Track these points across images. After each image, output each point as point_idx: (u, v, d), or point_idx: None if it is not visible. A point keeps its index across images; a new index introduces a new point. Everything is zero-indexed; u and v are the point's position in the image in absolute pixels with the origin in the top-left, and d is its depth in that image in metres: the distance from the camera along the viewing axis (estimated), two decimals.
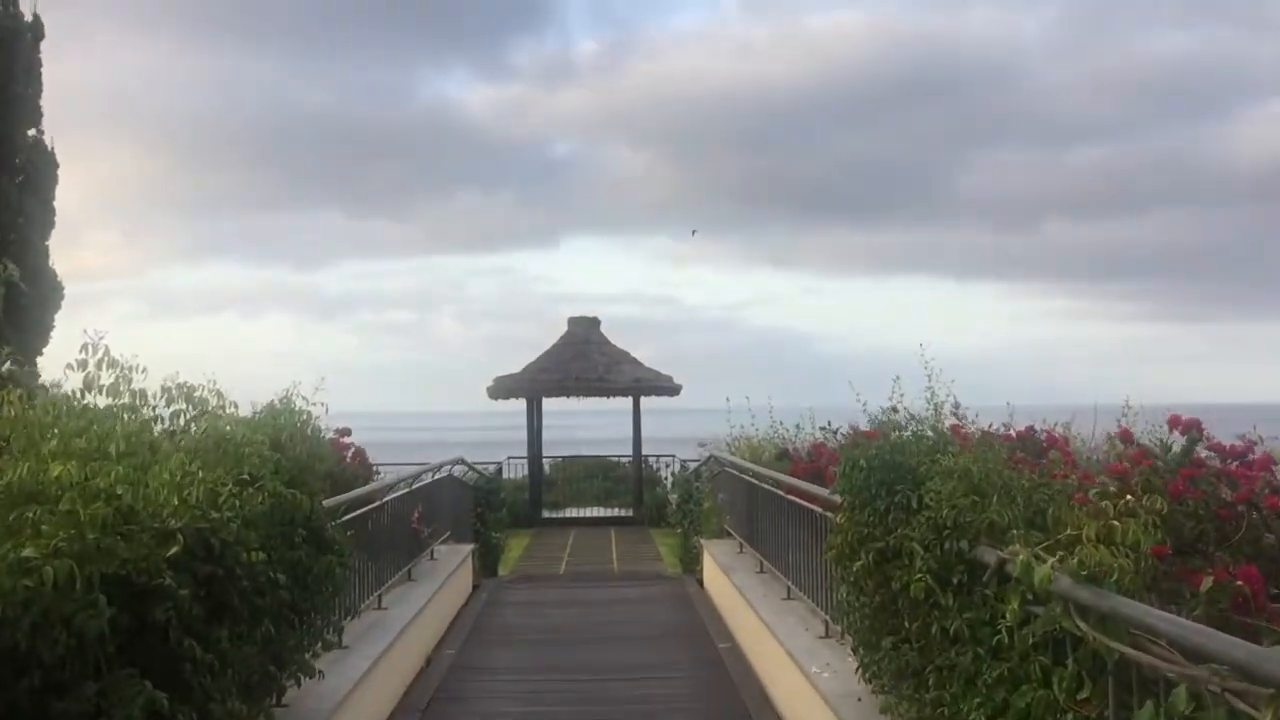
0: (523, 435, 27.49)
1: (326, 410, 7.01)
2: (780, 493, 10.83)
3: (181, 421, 5.77)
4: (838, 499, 7.02)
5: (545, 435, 27.79)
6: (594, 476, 29.67)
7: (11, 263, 11.16)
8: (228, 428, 5.82)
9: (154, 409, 5.51)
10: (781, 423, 16.76)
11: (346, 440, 12.61)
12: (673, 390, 26.82)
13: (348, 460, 12.46)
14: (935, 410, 14.37)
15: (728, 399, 16.84)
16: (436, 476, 14.09)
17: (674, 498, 23.25)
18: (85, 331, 5.22)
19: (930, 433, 7.33)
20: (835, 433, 15.69)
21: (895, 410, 14.92)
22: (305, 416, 6.65)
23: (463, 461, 17.01)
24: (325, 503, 7.40)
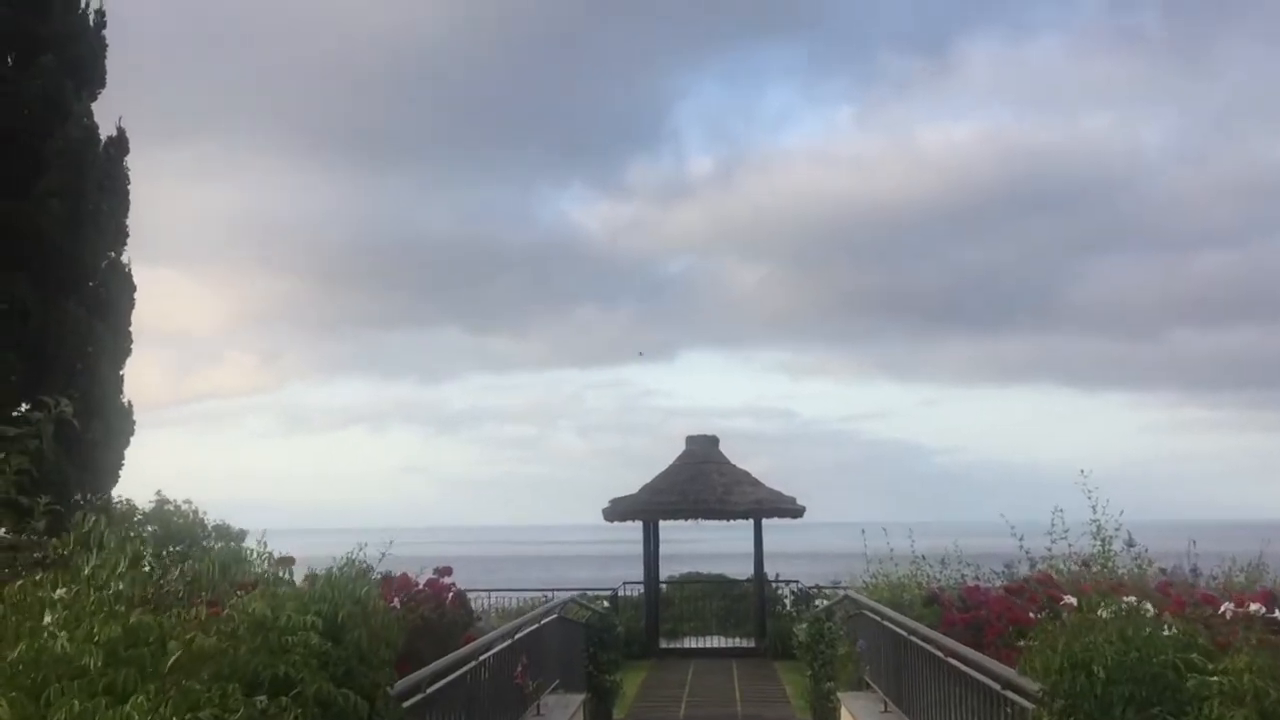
0: (639, 550, 26.28)
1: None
2: (938, 653, 9.26)
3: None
4: (1031, 686, 5.56)
5: (663, 549, 26.58)
6: (712, 596, 28.60)
7: (65, 398, 10.26)
8: (268, 611, 4.62)
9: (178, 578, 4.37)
10: (924, 557, 15.17)
11: (447, 581, 11.50)
12: (795, 512, 25.27)
13: (448, 602, 11.38)
14: (1104, 546, 12.70)
15: (863, 531, 15.35)
16: (545, 621, 12.77)
17: (801, 629, 21.74)
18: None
19: (1127, 591, 5.85)
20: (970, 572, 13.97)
21: (1052, 544, 13.10)
22: (368, 587, 5.46)
23: (574, 601, 15.69)
24: (413, 675, 6.25)
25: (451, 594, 11.24)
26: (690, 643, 25.95)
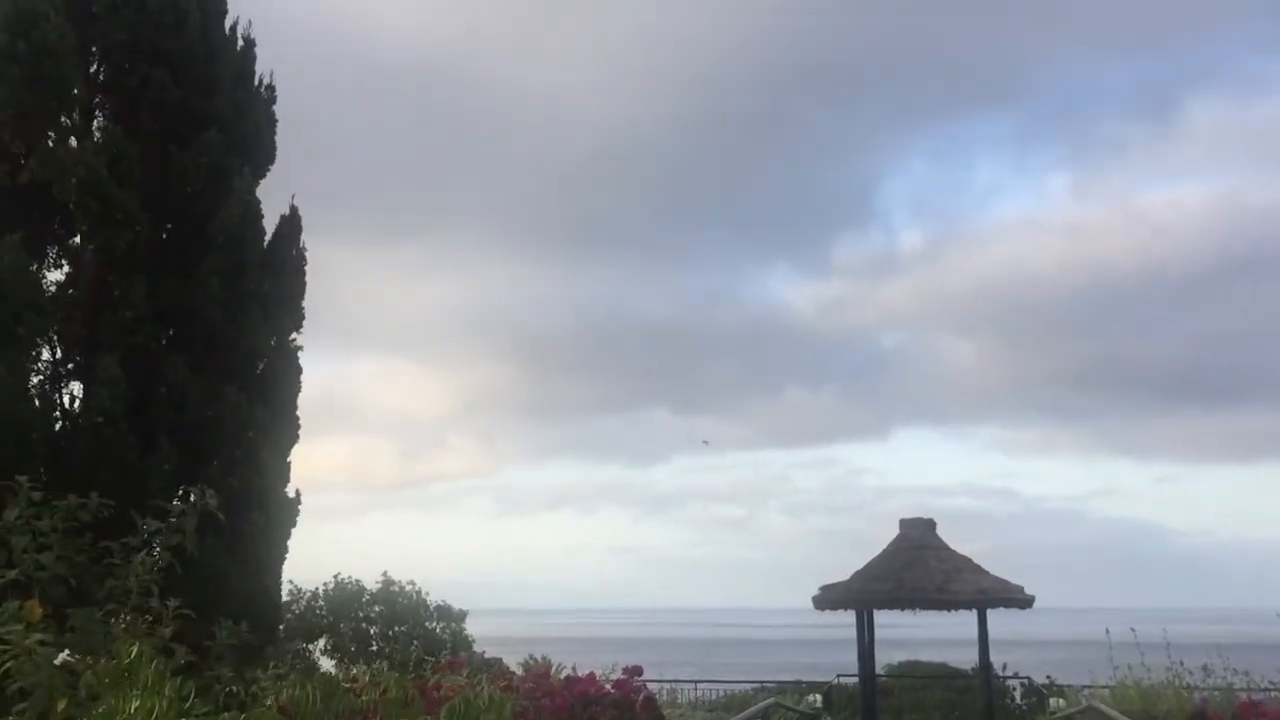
0: (851, 634, 24.22)
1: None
2: None
3: None
4: None
5: (879, 634, 24.58)
6: (934, 687, 26.86)
7: (211, 489, 9.28)
8: None
9: None
10: (1182, 662, 12.84)
11: (637, 682, 10.15)
12: (1024, 602, 22.71)
13: (637, 706, 10.06)
14: None
15: (1107, 630, 13.10)
16: None
17: None
18: None
19: None
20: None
21: None
22: None
23: (779, 704, 13.91)
24: None
25: (642, 697, 9.84)
26: None
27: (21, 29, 12.73)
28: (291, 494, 13.88)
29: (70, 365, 13.40)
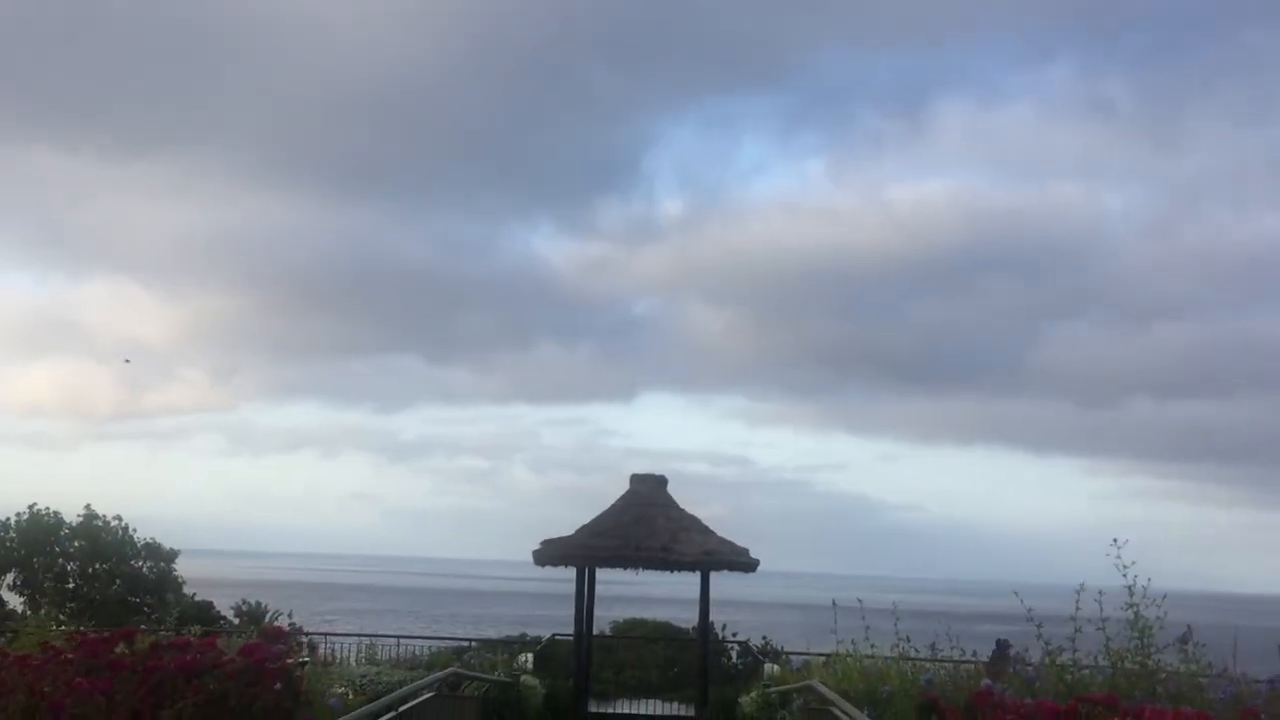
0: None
1: None
2: None
3: None
4: None
5: (606, 590, 24.09)
6: (655, 646, 26.99)
7: None
8: None
9: None
10: (908, 639, 12.38)
11: (278, 648, 8.49)
12: (749, 565, 22.48)
13: (270, 682, 8.11)
14: (1141, 637, 9.94)
15: (834, 602, 12.56)
16: (416, 701, 9.85)
17: (748, 700, 19.06)
18: None
19: None
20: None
21: (1075, 632, 10.48)
22: None
23: (459, 674, 12.74)
24: None
25: (279, 667, 8.25)
26: (623, 707, 23.11)
27: None
28: None
29: None
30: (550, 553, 22.50)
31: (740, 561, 22.10)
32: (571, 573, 22.64)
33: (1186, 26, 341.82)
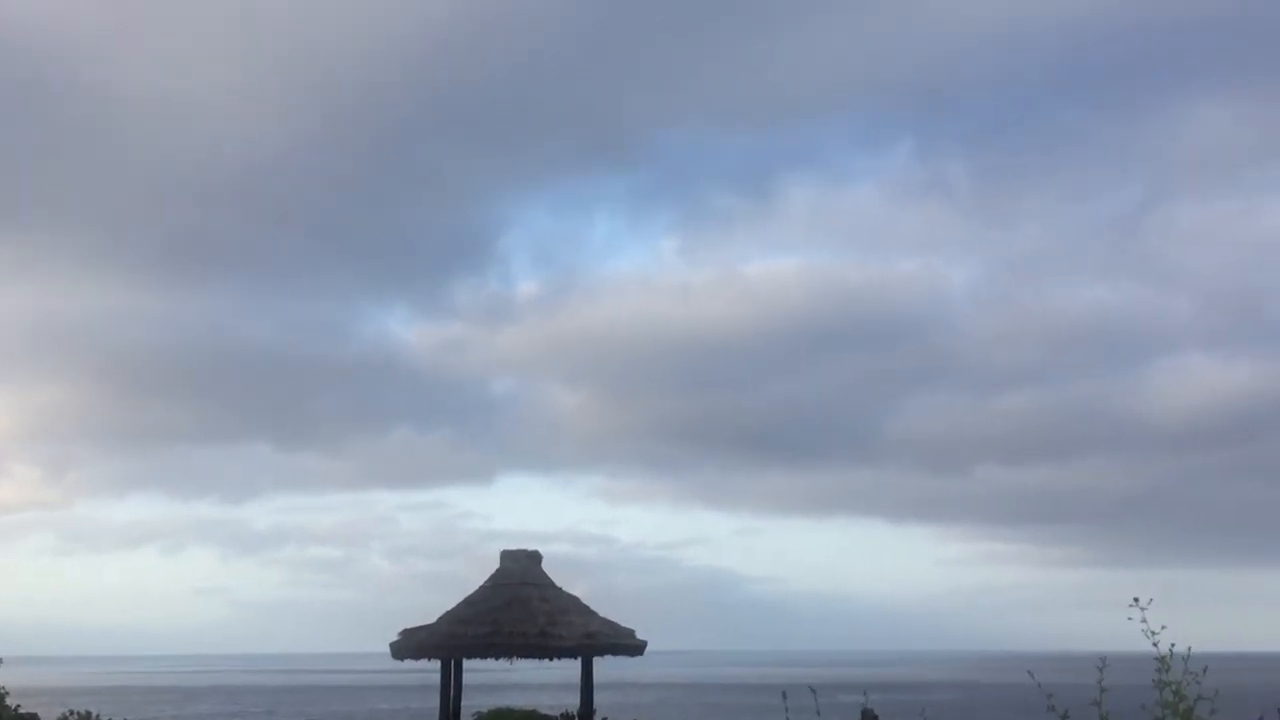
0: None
1: None
2: None
3: None
4: None
5: (471, 678, 21.56)
6: None
7: None
8: None
9: None
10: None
11: None
12: (636, 648, 20.36)
13: None
14: None
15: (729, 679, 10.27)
16: None
17: None
18: None
19: None
20: None
21: None
22: None
23: None
24: None
25: None
26: None
27: None
28: None
29: None
30: (409, 644, 19.98)
31: (626, 644, 19.92)
32: (437, 663, 20.10)
33: (1012, 107, 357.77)
